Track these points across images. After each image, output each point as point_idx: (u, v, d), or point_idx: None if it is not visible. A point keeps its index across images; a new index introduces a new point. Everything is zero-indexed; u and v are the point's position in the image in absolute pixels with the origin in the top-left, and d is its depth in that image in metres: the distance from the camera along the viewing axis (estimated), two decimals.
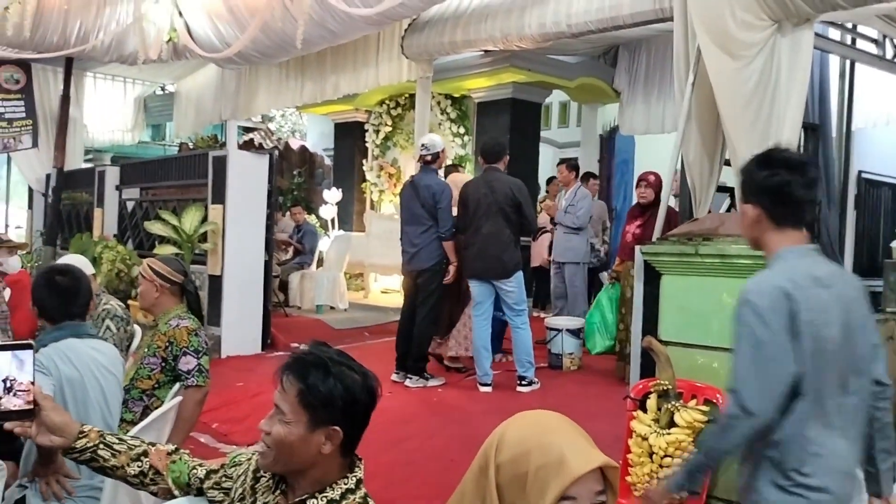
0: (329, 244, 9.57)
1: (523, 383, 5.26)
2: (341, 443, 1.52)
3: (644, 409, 3.26)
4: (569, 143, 10.96)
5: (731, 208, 3.86)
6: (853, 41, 5.17)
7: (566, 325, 5.99)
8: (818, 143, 4.77)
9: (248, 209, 6.86)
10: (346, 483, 1.55)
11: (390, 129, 10.09)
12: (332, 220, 10.38)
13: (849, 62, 5.47)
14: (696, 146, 3.82)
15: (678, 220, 4.20)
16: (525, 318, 5.35)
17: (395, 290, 8.82)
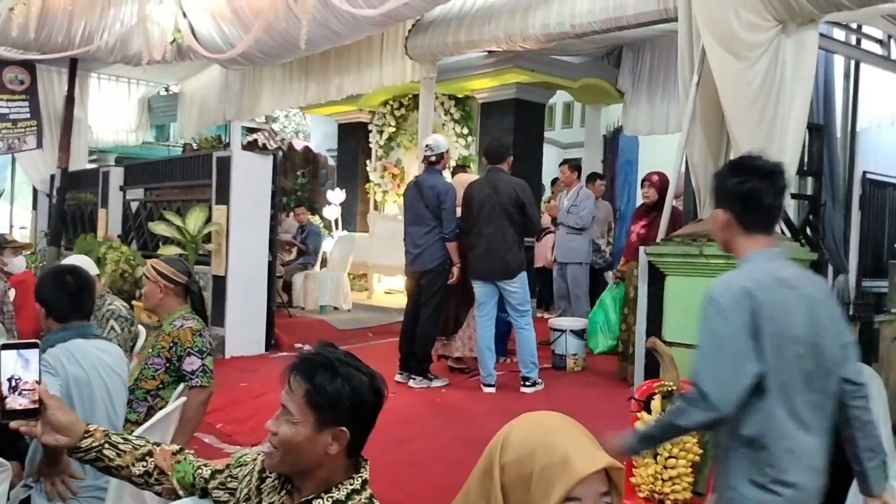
0: (333, 245, 9.57)
1: (527, 384, 5.25)
2: (348, 443, 1.52)
3: (648, 410, 3.26)
4: (572, 143, 10.95)
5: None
6: (858, 41, 5.16)
7: (570, 326, 5.99)
8: (823, 144, 4.76)
9: (251, 210, 6.87)
10: (351, 484, 1.55)
11: (394, 129, 10.09)
12: (336, 221, 10.39)
13: (853, 62, 5.46)
14: (701, 147, 3.80)
15: (682, 220, 4.19)
16: (529, 319, 5.34)
17: (399, 290, 8.83)
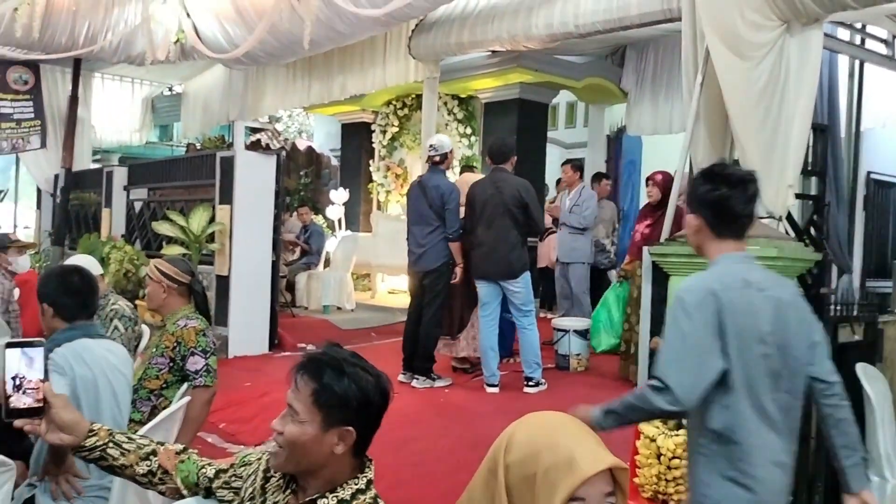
0: (336, 245, 9.57)
1: (530, 384, 5.25)
2: (353, 443, 1.52)
3: None
4: (576, 143, 10.94)
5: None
6: (862, 41, 5.15)
7: (573, 326, 5.98)
8: (827, 144, 4.75)
9: (255, 210, 6.87)
10: (356, 483, 1.55)
11: (397, 129, 10.09)
12: (339, 221, 10.39)
13: (858, 62, 5.45)
14: (705, 147, 3.80)
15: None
16: (532, 319, 5.33)
17: (402, 290, 8.82)
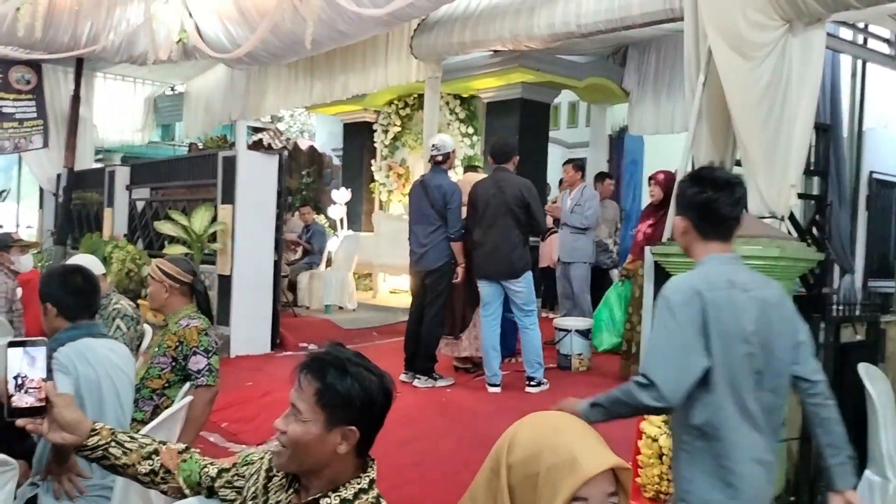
0: (338, 244, 9.58)
1: (532, 384, 5.25)
2: (357, 443, 1.52)
3: None
4: (578, 143, 10.94)
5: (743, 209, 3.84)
6: (865, 41, 5.14)
7: (575, 326, 5.98)
8: (829, 144, 4.75)
9: (257, 209, 6.88)
10: (359, 483, 1.55)
11: (399, 129, 10.10)
12: (341, 221, 10.40)
13: (860, 62, 5.45)
14: (707, 146, 3.79)
15: None
16: (534, 319, 5.33)
17: (404, 290, 8.82)
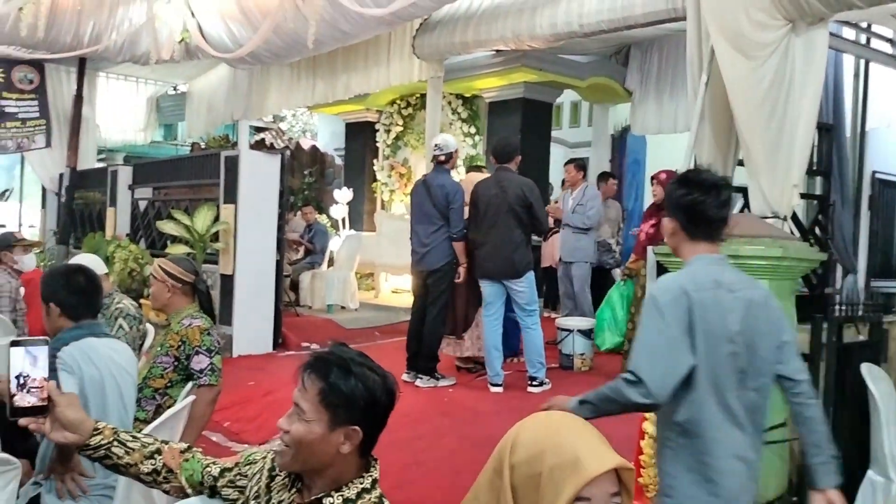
0: (340, 244, 9.58)
1: (534, 384, 5.24)
2: (359, 443, 1.52)
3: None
4: (580, 142, 10.93)
5: (745, 209, 3.83)
6: (868, 41, 5.14)
7: (577, 326, 5.98)
8: (832, 143, 4.74)
9: (259, 209, 6.88)
10: (361, 482, 1.55)
11: (401, 128, 10.10)
12: (343, 220, 10.39)
13: (863, 62, 5.45)
14: (710, 146, 3.79)
15: None
16: (536, 319, 5.32)
17: (406, 289, 8.82)
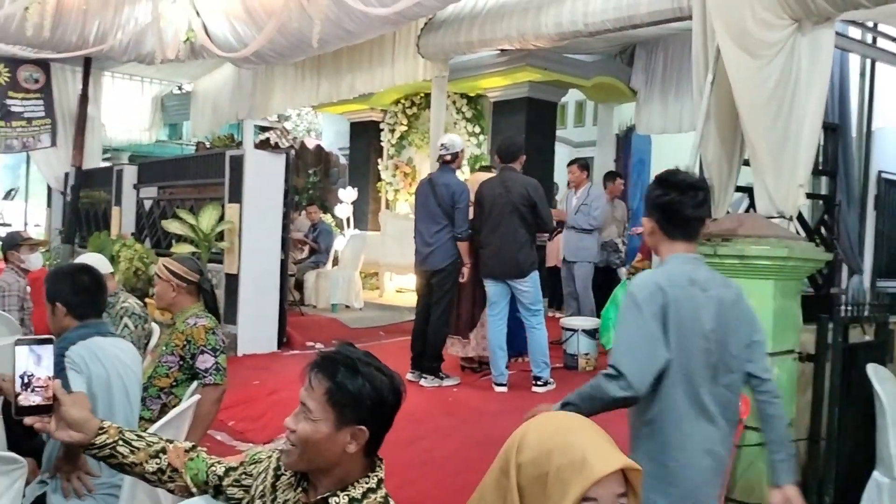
0: (344, 243, 9.58)
1: (539, 383, 5.24)
2: (365, 442, 1.52)
3: None
4: (585, 142, 10.92)
5: (751, 209, 3.82)
6: (874, 40, 5.12)
7: (582, 326, 5.97)
8: (838, 143, 4.73)
9: (264, 208, 6.89)
10: (367, 482, 1.55)
11: (406, 128, 10.10)
12: (348, 220, 10.40)
13: (869, 61, 5.43)
14: (715, 146, 3.78)
15: None
16: (541, 318, 5.32)
17: (410, 289, 8.83)
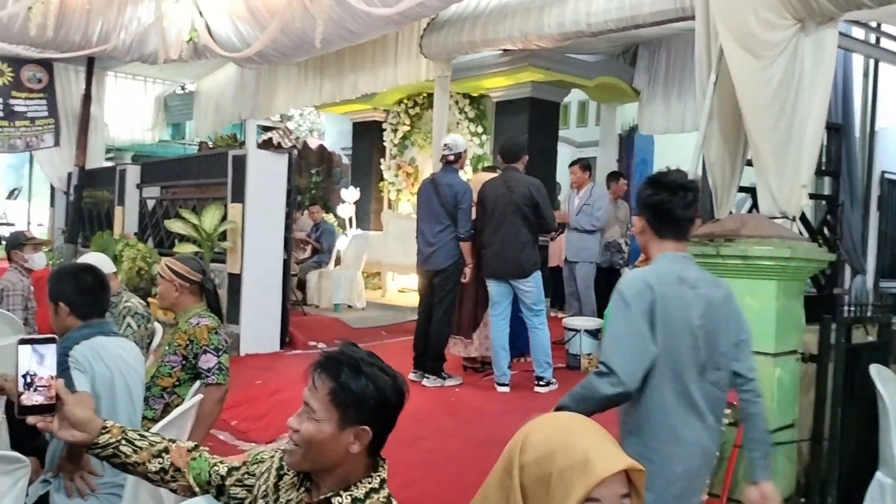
0: (347, 243, 9.58)
1: (541, 383, 5.24)
2: (369, 443, 1.52)
3: None
4: (587, 142, 10.92)
5: (753, 209, 3.81)
6: (877, 40, 5.11)
7: (584, 326, 5.97)
8: (841, 143, 4.72)
9: (267, 208, 6.89)
10: (370, 482, 1.55)
11: (408, 128, 10.10)
12: (350, 219, 10.40)
13: (873, 61, 5.42)
14: (718, 146, 3.78)
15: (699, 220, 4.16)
16: (543, 319, 5.31)
17: (412, 289, 8.82)
